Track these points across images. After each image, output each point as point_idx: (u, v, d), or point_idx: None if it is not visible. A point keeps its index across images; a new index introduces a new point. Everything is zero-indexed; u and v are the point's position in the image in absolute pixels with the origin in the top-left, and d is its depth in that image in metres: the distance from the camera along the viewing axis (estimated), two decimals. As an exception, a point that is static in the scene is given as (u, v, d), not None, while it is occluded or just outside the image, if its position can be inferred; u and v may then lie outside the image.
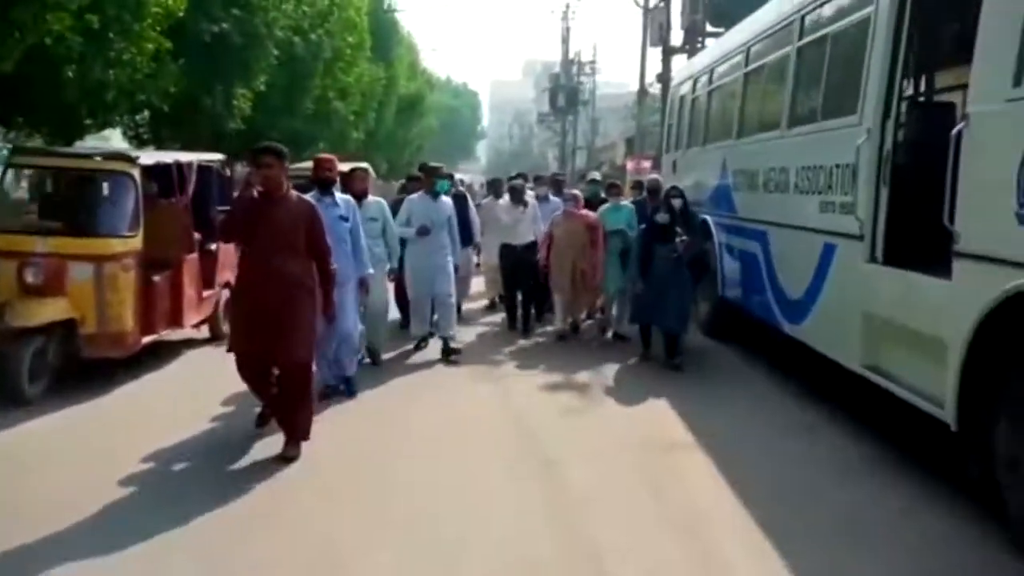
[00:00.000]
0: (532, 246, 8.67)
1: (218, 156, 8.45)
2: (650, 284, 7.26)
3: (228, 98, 11.56)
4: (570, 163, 42.72)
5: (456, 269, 7.89)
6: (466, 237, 8.83)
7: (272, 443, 4.92)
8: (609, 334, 8.69)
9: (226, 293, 7.60)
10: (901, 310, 4.76)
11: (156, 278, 6.61)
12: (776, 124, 6.96)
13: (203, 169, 7.64)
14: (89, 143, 11.24)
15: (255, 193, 4.78)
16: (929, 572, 3.60)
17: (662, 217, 7.35)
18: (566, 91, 41.85)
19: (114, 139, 17.57)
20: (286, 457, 4.76)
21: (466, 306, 9.90)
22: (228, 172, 8.89)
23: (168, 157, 7.19)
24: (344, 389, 6.16)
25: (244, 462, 4.75)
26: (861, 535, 3.90)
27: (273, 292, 4.69)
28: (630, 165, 22.17)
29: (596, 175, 12.18)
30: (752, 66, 7.90)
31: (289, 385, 4.86)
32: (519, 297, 8.99)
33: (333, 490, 4.40)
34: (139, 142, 13.15)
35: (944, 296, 4.18)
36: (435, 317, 7.80)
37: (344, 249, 5.69)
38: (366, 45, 19.17)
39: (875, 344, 5.07)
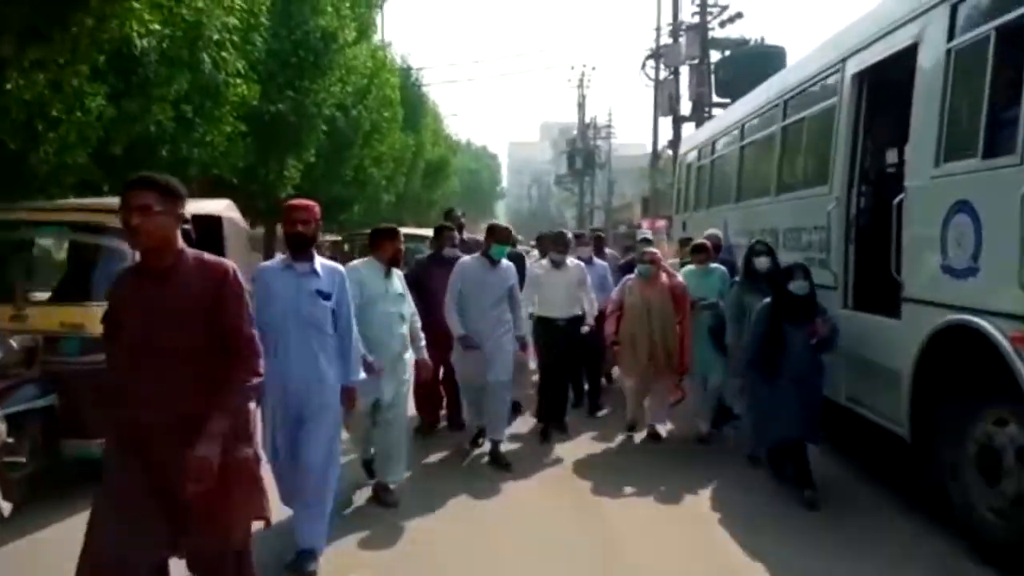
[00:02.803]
0: (577, 320, 6.66)
1: None
2: (780, 385, 5.16)
3: (281, 168, 12.90)
4: (588, 223, 44.01)
5: (523, 345, 6.20)
6: None
7: None
8: (703, 430, 6.67)
9: None
10: (869, 348, 5.63)
11: None
12: (767, 191, 8.00)
13: None
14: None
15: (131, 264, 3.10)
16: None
17: (798, 287, 5.20)
18: (583, 154, 43.49)
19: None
20: None
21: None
22: None
23: None
24: (294, 565, 3.91)
25: None
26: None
27: (155, 438, 2.66)
28: (645, 224, 23.36)
29: (647, 233, 10.24)
30: (747, 140, 9.00)
31: None
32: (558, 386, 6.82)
33: None
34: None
35: (896, 334, 5.10)
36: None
37: (319, 341, 3.96)
38: (399, 117, 20.76)
39: (853, 379, 5.86)
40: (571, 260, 6.86)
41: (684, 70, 21.38)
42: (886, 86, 5.87)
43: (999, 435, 4.10)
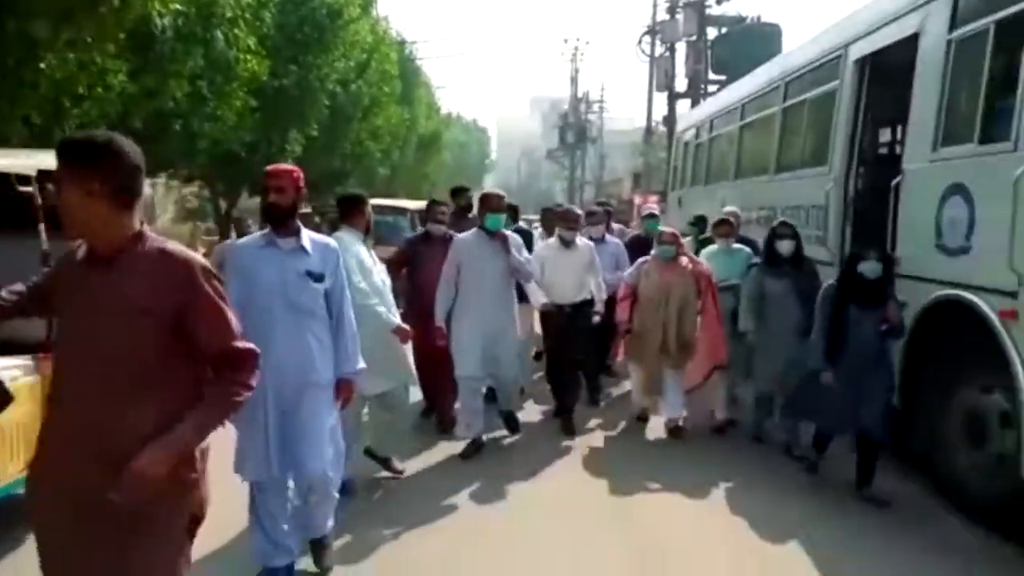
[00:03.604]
0: (585, 305, 6.09)
1: None
2: (845, 373, 4.71)
3: (283, 142, 13.08)
4: (579, 197, 44.23)
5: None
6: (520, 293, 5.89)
7: None
8: (720, 417, 6.19)
9: None
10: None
11: None
12: (766, 169, 8.28)
13: None
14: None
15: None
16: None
17: (871, 269, 4.71)
18: (575, 128, 43.58)
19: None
20: None
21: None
22: None
23: None
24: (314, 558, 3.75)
25: None
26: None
27: (80, 481, 2.00)
28: (638, 199, 23.62)
29: (655, 208, 8.98)
30: (746, 120, 9.26)
31: None
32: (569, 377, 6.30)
33: None
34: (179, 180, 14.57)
35: (891, 308, 5.43)
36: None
37: (311, 329, 3.43)
38: (397, 91, 20.88)
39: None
40: (580, 240, 6.26)
41: (680, 46, 21.58)
42: (886, 72, 6.12)
43: (985, 401, 4.42)
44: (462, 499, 4.73)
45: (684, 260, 6.01)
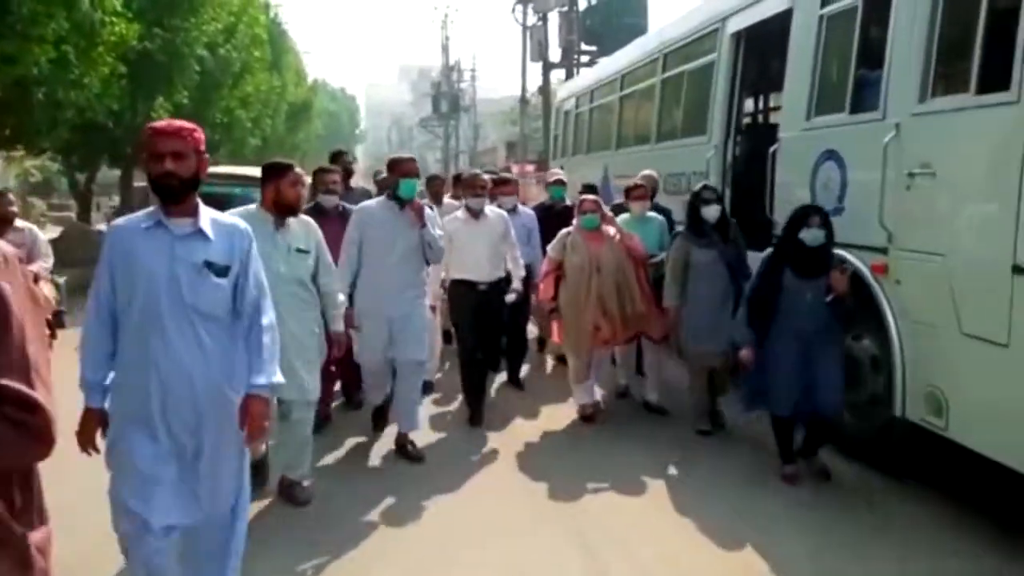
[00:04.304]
0: (503, 283, 5.60)
1: None
2: (779, 348, 4.44)
3: (148, 111, 12.37)
4: (453, 165, 44.19)
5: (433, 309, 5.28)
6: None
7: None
8: (623, 382, 6.15)
9: None
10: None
11: None
12: (647, 138, 8.63)
13: None
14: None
15: None
16: None
17: (812, 236, 4.39)
18: (448, 97, 43.38)
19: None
20: None
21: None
22: None
23: None
24: None
25: None
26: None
27: None
28: (515, 169, 23.90)
29: (560, 173, 8.05)
30: (627, 90, 9.58)
31: None
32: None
33: None
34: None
35: (768, 266, 5.83)
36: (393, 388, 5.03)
37: (212, 335, 2.65)
38: (267, 56, 20.08)
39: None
40: (491, 209, 5.67)
41: (553, 16, 21.83)
42: (762, 45, 6.50)
43: (856, 348, 4.84)
44: (376, 516, 4.12)
45: (611, 230, 5.54)
